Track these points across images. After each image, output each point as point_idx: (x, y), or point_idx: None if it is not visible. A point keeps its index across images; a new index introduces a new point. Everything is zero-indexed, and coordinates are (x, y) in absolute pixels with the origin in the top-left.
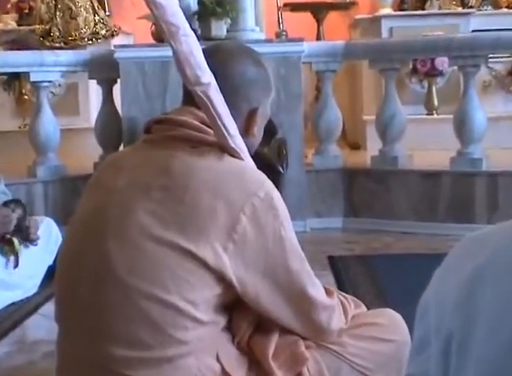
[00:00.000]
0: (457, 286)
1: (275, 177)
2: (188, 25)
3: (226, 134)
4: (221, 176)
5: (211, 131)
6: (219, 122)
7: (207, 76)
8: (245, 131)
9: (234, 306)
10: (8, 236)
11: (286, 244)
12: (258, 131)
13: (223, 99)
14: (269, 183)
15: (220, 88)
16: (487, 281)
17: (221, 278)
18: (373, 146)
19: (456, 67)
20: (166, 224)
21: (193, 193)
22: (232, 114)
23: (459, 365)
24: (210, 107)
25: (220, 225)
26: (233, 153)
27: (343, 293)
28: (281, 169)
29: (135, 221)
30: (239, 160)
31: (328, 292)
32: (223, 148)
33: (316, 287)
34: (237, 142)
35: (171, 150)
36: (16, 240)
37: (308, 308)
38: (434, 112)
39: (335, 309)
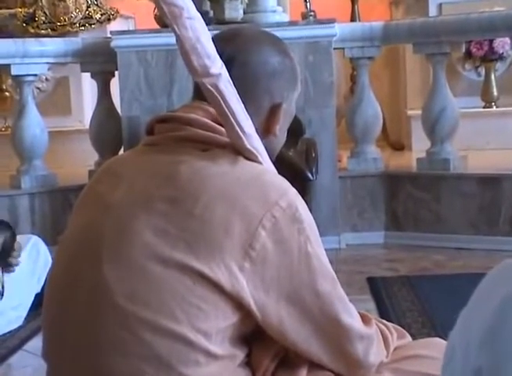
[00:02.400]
0: (484, 319)
1: (303, 184)
2: (193, 6)
3: (241, 133)
4: (236, 184)
5: (225, 131)
6: (232, 120)
7: (217, 66)
8: (266, 130)
9: (254, 337)
10: None
11: (313, 263)
12: (281, 130)
13: (237, 93)
14: (293, 191)
15: (237, 78)
16: None
17: (238, 304)
18: (420, 146)
19: None
20: (173, 242)
21: (204, 205)
22: (250, 110)
23: None
24: (222, 102)
25: (235, 242)
26: (250, 156)
27: (383, 321)
28: (310, 175)
29: (135, 240)
30: (256, 164)
31: (365, 319)
32: (238, 150)
33: (351, 313)
34: (254, 142)
35: (177, 154)
36: None
37: (341, 338)
38: (493, 104)
39: (373, 339)
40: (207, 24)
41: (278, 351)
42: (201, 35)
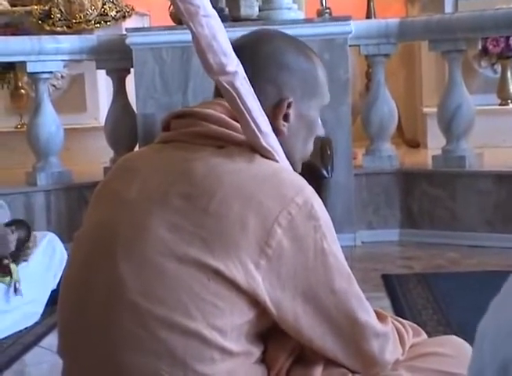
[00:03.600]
0: None
1: (319, 182)
2: (209, 3)
3: (257, 131)
4: (252, 181)
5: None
6: (248, 117)
7: (233, 64)
8: (272, 127)
9: (270, 334)
10: (6, 261)
11: (329, 260)
12: (295, 134)
13: (253, 91)
14: (309, 189)
15: (245, 69)
16: None
17: (253, 301)
18: (435, 143)
19: None
20: (188, 239)
21: (220, 202)
22: (258, 100)
23: None
24: (238, 100)
25: (251, 239)
26: (266, 154)
27: (399, 318)
28: (325, 173)
29: (151, 236)
30: (273, 162)
31: (380, 317)
32: (254, 148)
33: (367, 311)
34: (270, 141)
35: (192, 151)
36: (14, 267)
37: (356, 335)
38: (509, 101)
39: (389, 336)
40: (222, 21)
41: (293, 348)
42: (217, 33)
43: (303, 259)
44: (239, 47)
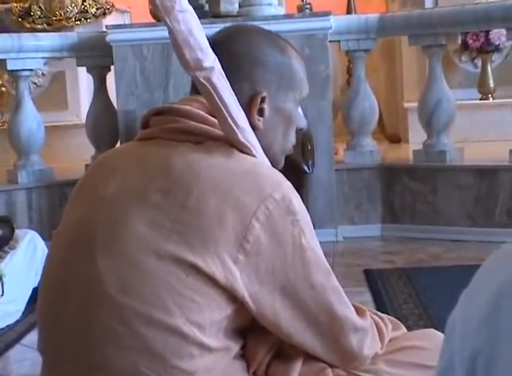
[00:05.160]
0: (484, 301)
1: (300, 177)
2: None
3: (234, 126)
4: (230, 176)
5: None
6: (225, 112)
7: (209, 59)
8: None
9: (249, 329)
10: None
11: (307, 255)
12: (272, 128)
13: (230, 87)
14: (287, 183)
15: (221, 65)
16: None
17: (232, 296)
18: (417, 138)
19: None
20: (166, 234)
21: (197, 197)
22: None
23: None
24: (215, 96)
25: (229, 234)
26: (243, 149)
27: (378, 312)
28: (306, 168)
29: (129, 233)
30: (250, 157)
31: (359, 311)
32: (232, 143)
33: (346, 305)
34: (247, 136)
35: (171, 147)
36: None
37: (335, 330)
38: (490, 96)
39: (368, 331)
40: (202, 18)
41: (273, 343)
42: (193, 28)
43: (281, 254)
44: (214, 43)
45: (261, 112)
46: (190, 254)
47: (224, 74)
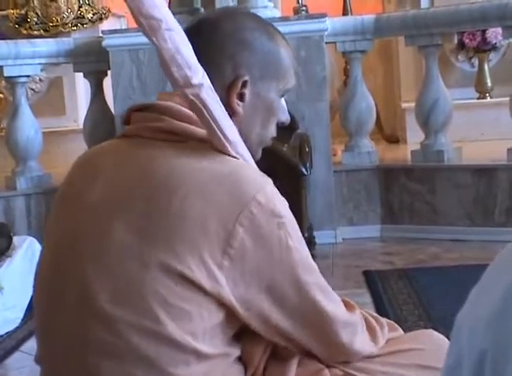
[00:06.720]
0: (493, 301)
1: (298, 179)
2: (172, 16)
3: (224, 140)
4: (213, 180)
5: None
6: (216, 128)
7: (198, 76)
8: (227, 104)
9: (243, 333)
10: None
11: (293, 255)
12: (252, 116)
13: (219, 101)
14: (271, 186)
15: (204, 43)
16: None
17: (220, 303)
18: (414, 138)
19: None
20: (152, 242)
21: (180, 201)
22: (213, 75)
23: None
24: (205, 112)
25: (213, 240)
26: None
27: (374, 314)
28: (304, 170)
29: (115, 240)
30: (234, 160)
31: (348, 306)
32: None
33: (334, 301)
34: (238, 149)
35: (153, 148)
36: None
37: (325, 326)
38: (487, 95)
39: (357, 325)
40: None
41: (267, 344)
42: (181, 46)
43: (267, 257)
44: (202, 21)
45: (241, 97)
46: (176, 262)
47: (213, 89)
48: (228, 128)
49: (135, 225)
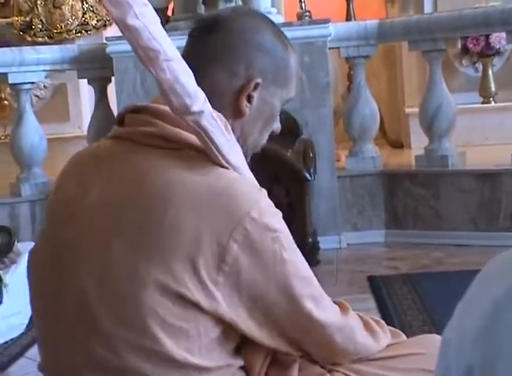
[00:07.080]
0: (480, 314)
1: (302, 185)
2: (171, 46)
3: (226, 165)
4: (207, 195)
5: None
6: (217, 154)
7: (198, 103)
8: (235, 106)
9: (243, 341)
10: None
11: (288, 269)
12: (255, 118)
13: (221, 126)
14: (265, 201)
15: (220, 40)
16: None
17: (218, 319)
18: (419, 143)
19: None
20: (148, 256)
21: (174, 213)
22: (224, 75)
23: None
24: (206, 138)
25: (207, 255)
26: None
27: (375, 317)
28: (308, 176)
29: (111, 256)
30: (229, 173)
31: (341, 307)
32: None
33: (327, 308)
34: (241, 172)
35: (148, 156)
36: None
37: (322, 335)
38: (492, 99)
39: (353, 326)
40: None
41: (268, 352)
42: (180, 75)
43: (262, 271)
44: (217, 19)
45: (249, 99)
46: (173, 282)
47: (215, 115)
48: (231, 153)
49: (130, 237)
